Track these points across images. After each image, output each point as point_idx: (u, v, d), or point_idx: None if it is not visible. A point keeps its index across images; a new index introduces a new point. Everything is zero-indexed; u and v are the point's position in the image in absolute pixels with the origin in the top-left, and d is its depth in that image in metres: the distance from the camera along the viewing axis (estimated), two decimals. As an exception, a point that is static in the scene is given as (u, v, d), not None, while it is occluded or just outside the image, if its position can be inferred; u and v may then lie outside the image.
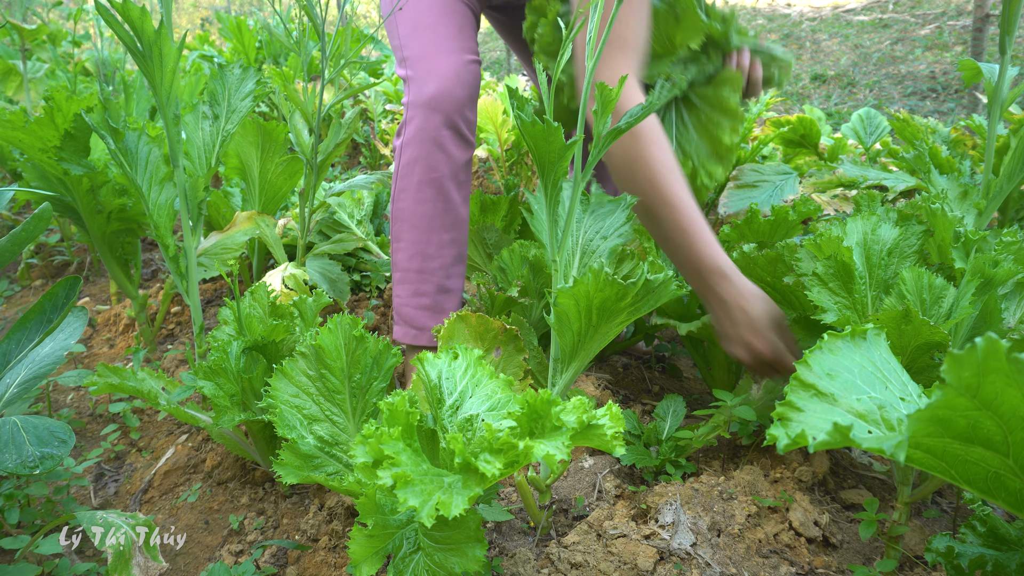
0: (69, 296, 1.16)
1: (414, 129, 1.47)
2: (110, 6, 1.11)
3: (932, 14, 8.49)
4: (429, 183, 1.49)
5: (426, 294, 1.54)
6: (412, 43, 1.49)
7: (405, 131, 1.49)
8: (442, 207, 1.51)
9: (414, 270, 1.53)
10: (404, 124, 1.50)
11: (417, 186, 1.49)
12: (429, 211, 1.51)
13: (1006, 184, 1.20)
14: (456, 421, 0.90)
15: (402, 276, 1.55)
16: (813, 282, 1.09)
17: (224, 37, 4.14)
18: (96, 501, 1.38)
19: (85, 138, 1.67)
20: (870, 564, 1.14)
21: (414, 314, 1.54)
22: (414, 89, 1.47)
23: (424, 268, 1.53)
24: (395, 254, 1.56)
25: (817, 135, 2.60)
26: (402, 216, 1.53)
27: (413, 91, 1.47)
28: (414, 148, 1.47)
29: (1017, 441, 0.57)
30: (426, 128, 1.45)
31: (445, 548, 0.82)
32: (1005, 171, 1.20)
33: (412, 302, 1.54)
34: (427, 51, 1.47)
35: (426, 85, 1.45)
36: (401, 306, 1.56)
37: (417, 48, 1.48)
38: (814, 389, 0.68)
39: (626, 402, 1.65)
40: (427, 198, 1.50)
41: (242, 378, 1.20)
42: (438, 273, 1.54)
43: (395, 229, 1.55)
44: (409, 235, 1.52)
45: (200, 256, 1.66)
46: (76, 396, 1.75)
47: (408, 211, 1.51)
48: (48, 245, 2.58)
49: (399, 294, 1.56)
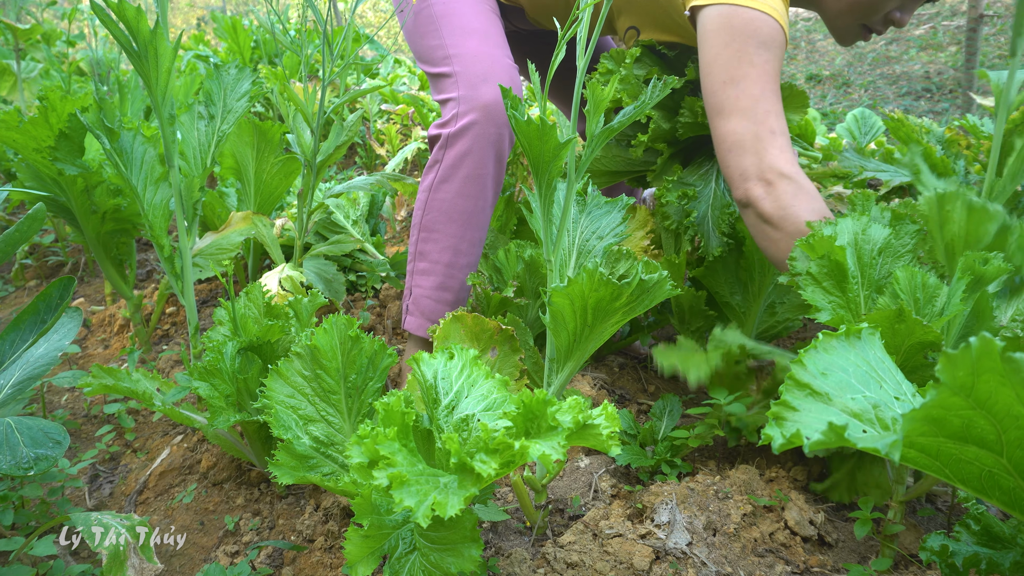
0: (63, 297, 1.15)
1: (469, 122, 1.45)
2: (105, 6, 1.10)
3: (926, 14, 8.52)
4: (476, 179, 1.48)
5: (451, 289, 1.52)
6: (462, 42, 1.50)
7: (456, 123, 1.47)
8: (481, 205, 1.51)
9: (444, 263, 1.51)
10: (454, 116, 1.47)
11: (463, 180, 1.48)
12: (471, 207, 1.50)
13: (1009, 184, 1.20)
14: (452, 421, 0.90)
15: (429, 267, 1.52)
16: (807, 281, 1.10)
17: (220, 37, 4.13)
18: (91, 502, 1.38)
19: (80, 138, 1.66)
20: (865, 563, 1.15)
21: (435, 307, 1.52)
22: (465, 85, 1.46)
23: (454, 263, 1.51)
24: (422, 243, 1.53)
25: (812, 135, 2.60)
26: (441, 207, 1.50)
27: (464, 87, 1.46)
28: (467, 142, 1.46)
29: (1011, 440, 0.57)
30: (484, 124, 1.45)
31: (441, 548, 0.82)
32: (1009, 171, 1.20)
33: (435, 295, 1.52)
34: (482, 53, 1.48)
35: (484, 84, 1.45)
36: (422, 297, 1.53)
37: (471, 48, 1.49)
38: (809, 388, 0.68)
39: (622, 402, 1.65)
40: (471, 194, 1.49)
41: (237, 379, 1.19)
42: (465, 270, 1.53)
43: (428, 219, 1.51)
44: (446, 228, 1.50)
45: (195, 256, 1.65)
46: (71, 397, 1.74)
47: (449, 203, 1.49)
48: (42, 246, 2.57)
49: (421, 284, 1.53)
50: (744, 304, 1.50)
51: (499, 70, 1.47)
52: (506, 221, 1.89)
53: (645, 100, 1.02)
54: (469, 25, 1.51)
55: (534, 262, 1.52)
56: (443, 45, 1.52)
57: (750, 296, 1.47)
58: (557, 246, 1.14)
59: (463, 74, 1.47)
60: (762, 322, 1.48)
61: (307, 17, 1.62)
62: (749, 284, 1.49)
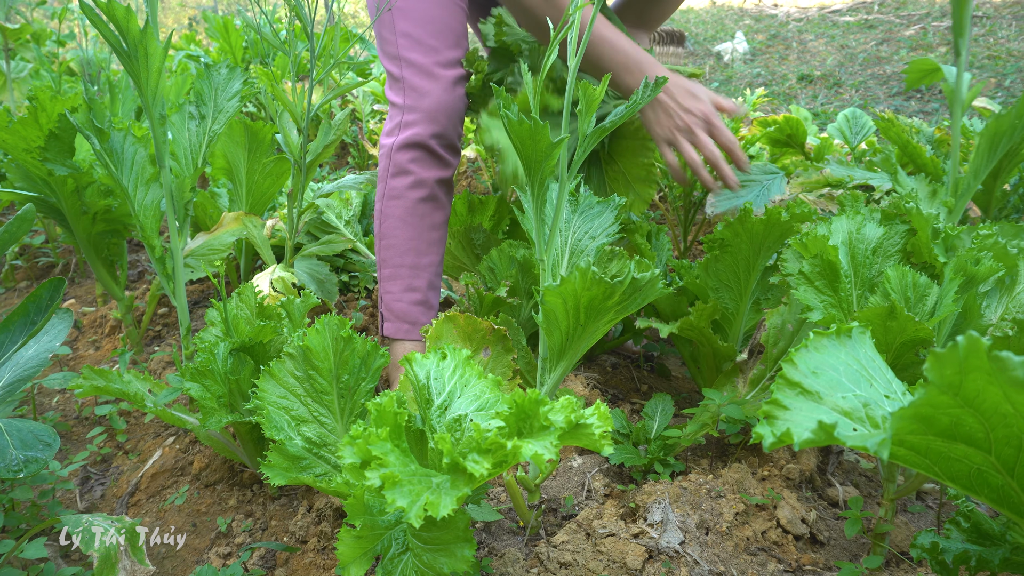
0: (53, 298, 1.15)
1: (411, 133, 1.52)
2: (95, 5, 1.10)
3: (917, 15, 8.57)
4: (422, 183, 1.54)
5: (419, 289, 1.55)
6: (412, 48, 1.53)
7: (400, 133, 1.53)
8: (432, 206, 1.56)
9: (407, 265, 1.55)
10: (399, 126, 1.54)
11: (411, 185, 1.53)
12: (422, 209, 1.55)
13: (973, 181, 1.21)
14: (444, 421, 0.90)
15: (393, 272, 1.56)
16: (799, 281, 1.10)
17: (211, 37, 4.11)
18: (82, 504, 1.37)
19: (70, 138, 1.65)
20: (857, 561, 1.15)
21: (407, 309, 1.55)
22: (411, 94, 1.52)
23: (417, 263, 1.55)
24: (384, 251, 1.56)
25: (804, 135, 2.61)
26: (394, 213, 1.55)
27: (410, 96, 1.52)
28: (412, 152, 1.53)
29: (999, 438, 0.58)
30: (424, 134, 1.52)
31: (434, 548, 0.82)
32: (971, 168, 1.21)
33: (405, 297, 1.55)
34: (429, 64, 1.52)
35: (427, 94, 1.51)
36: (393, 302, 1.56)
37: (418, 57, 1.52)
38: (800, 387, 0.68)
39: (615, 401, 1.66)
40: (420, 197, 1.54)
41: (229, 380, 1.19)
42: (429, 269, 1.57)
43: (385, 226, 1.56)
44: (403, 232, 1.55)
45: (187, 257, 1.65)
46: (62, 399, 1.74)
47: (401, 208, 1.54)
48: (33, 247, 2.55)
49: (390, 290, 1.56)
50: (733, 304, 1.51)
51: (444, 84, 1.51)
52: (499, 221, 1.89)
53: (636, 100, 1.02)
54: (422, 28, 1.53)
55: (527, 262, 1.52)
56: (395, 43, 1.54)
57: (736, 295, 1.48)
58: (550, 246, 1.14)
59: (409, 82, 1.52)
60: (749, 320, 1.49)
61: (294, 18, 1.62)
62: (734, 284, 1.49)
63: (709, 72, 7.82)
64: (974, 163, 1.23)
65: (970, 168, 1.24)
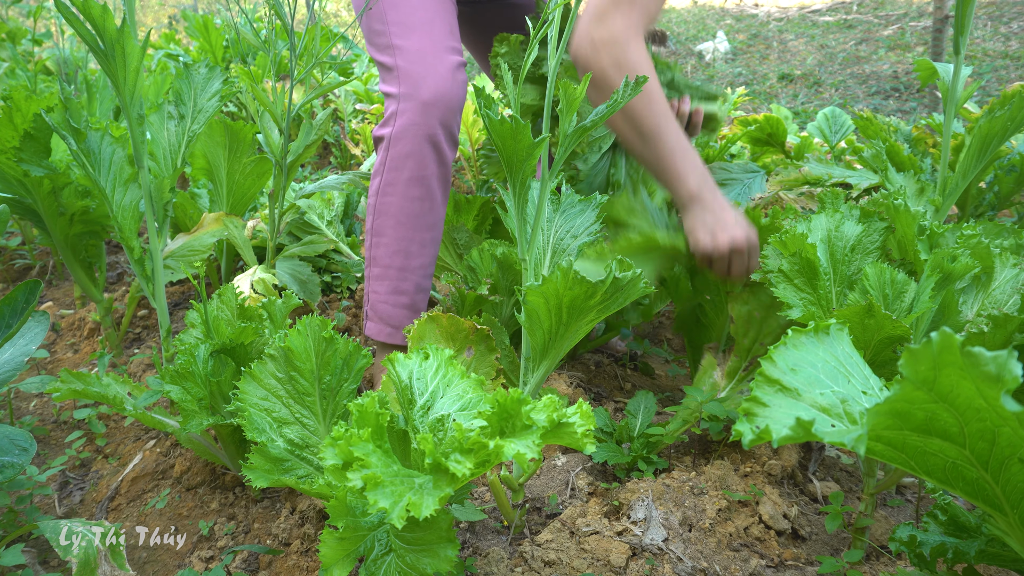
0: (29, 300, 1.13)
1: (407, 123, 1.43)
2: (70, 3, 1.08)
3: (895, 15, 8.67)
4: (419, 180, 1.47)
5: (406, 292, 1.52)
6: (406, 35, 1.46)
7: (395, 123, 1.45)
8: (428, 206, 1.50)
9: (396, 267, 1.51)
10: (393, 116, 1.45)
11: (407, 182, 1.47)
12: (416, 209, 1.49)
13: (961, 181, 1.23)
14: (427, 421, 0.90)
15: (382, 272, 1.52)
16: (779, 279, 1.11)
17: (191, 36, 4.07)
18: (61, 510, 1.35)
19: (46, 139, 1.63)
20: (838, 555, 1.17)
21: (392, 312, 1.52)
22: (407, 83, 1.44)
23: (406, 266, 1.51)
24: (374, 248, 1.52)
25: (784, 134, 2.64)
26: (387, 210, 1.49)
27: (406, 85, 1.44)
28: (407, 143, 1.44)
29: (973, 432, 0.59)
30: (422, 125, 1.43)
31: (417, 549, 0.82)
32: (960, 168, 1.23)
33: (391, 299, 1.52)
34: (424, 48, 1.45)
35: (424, 83, 1.43)
36: (378, 303, 1.53)
37: (413, 43, 1.45)
38: (779, 384, 0.69)
39: (599, 400, 1.66)
40: (416, 196, 1.48)
41: (210, 382, 1.18)
42: (418, 272, 1.52)
43: (377, 223, 1.51)
44: (394, 231, 1.50)
45: (166, 258, 1.63)
46: (39, 403, 1.71)
47: (395, 206, 1.48)
48: (9, 248, 2.52)
49: (376, 290, 1.53)
50: (713, 307, 1.52)
51: (441, 68, 1.44)
52: (481, 221, 1.89)
53: (617, 100, 1.03)
54: (414, 15, 1.47)
55: (506, 259, 1.52)
56: (387, 32, 1.48)
57: (722, 294, 1.49)
58: (532, 245, 1.14)
59: (404, 70, 1.44)
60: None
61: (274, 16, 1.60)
62: (720, 284, 1.50)
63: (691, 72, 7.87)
64: (964, 163, 1.24)
65: (959, 168, 1.25)
